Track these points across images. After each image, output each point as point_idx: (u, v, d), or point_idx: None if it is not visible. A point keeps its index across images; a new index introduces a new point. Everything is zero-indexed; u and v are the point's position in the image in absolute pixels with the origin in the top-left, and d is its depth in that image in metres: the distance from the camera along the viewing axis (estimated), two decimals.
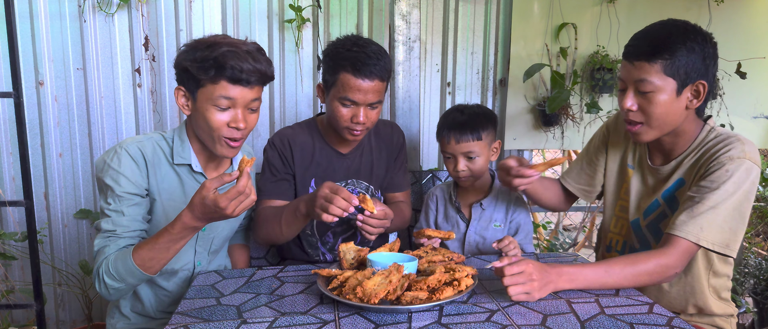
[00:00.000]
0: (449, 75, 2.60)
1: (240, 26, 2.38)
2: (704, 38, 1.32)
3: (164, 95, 2.37)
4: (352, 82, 1.57)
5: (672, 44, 1.29)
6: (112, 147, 1.42)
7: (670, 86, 1.31)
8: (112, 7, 2.26)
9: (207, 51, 1.31)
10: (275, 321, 1.14)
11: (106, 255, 1.32)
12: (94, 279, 1.35)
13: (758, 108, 2.68)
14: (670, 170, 1.46)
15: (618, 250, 1.62)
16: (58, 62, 2.27)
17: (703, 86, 1.32)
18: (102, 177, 1.38)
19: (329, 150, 1.79)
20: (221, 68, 1.31)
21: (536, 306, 1.20)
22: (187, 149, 1.47)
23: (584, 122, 2.63)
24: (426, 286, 1.19)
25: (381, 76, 1.59)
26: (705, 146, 1.39)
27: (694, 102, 1.35)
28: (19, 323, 2.41)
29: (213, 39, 1.35)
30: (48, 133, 2.31)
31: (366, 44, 1.60)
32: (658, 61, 1.30)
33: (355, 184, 1.83)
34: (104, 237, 1.35)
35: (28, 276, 2.26)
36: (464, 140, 1.65)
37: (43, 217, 2.37)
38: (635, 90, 1.36)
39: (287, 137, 1.77)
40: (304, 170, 1.77)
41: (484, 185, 1.79)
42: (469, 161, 1.68)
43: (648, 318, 1.14)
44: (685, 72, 1.30)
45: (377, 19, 2.47)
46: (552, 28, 2.54)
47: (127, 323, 1.55)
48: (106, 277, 1.30)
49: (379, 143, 1.89)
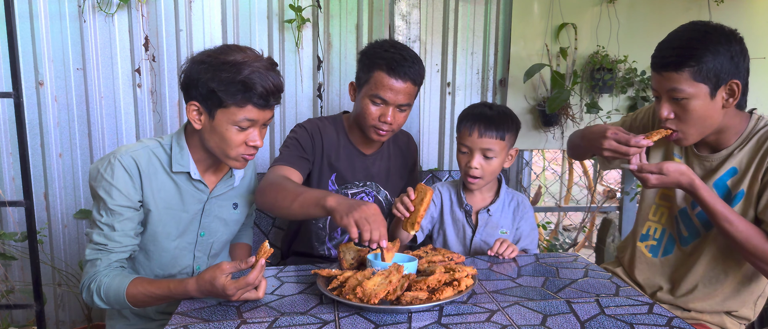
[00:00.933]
0: (449, 75, 2.60)
1: (240, 26, 2.38)
2: (728, 38, 1.31)
3: (164, 95, 2.37)
4: (386, 80, 1.62)
5: (696, 51, 1.29)
6: (105, 156, 1.39)
7: (702, 91, 1.32)
8: (112, 8, 2.26)
9: (232, 72, 1.28)
10: (275, 321, 1.14)
11: (97, 270, 1.35)
12: (82, 288, 1.37)
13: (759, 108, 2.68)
14: (721, 159, 1.46)
15: (656, 238, 1.62)
16: (58, 62, 2.27)
17: (736, 85, 1.33)
18: (95, 187, 1.37)
19: (352, 148, 1.82)
20: (249, 93, 1.30)
21: (536, 306, 1.20)
22: (186, 157, 1.44)
23: (584, 122, 2.62)
24: (426, 286, 1.19)
25: (414, 80, 1.64)
26: (756, 135, 1.41)
27: (730, 101, 1.35)
28: (19, 323, 2.41)
29: (232, 57, 1.31)
30: (48, 133, 2.31)
31: (403, 48, 1.67)
32: (686, 69, 1.30)
33: (372, 188, 1.84)
34: (95, 250, 1.36)
35: (28, 277, 2.26)
36: (488, 135, 1.59)
37: (43, 217, 2.37)
38: (669, 99, 1.37)
39: (318, 126, 1.79)
40: (327, 162, 1.79)
41: (491, 190, 1.74)
42: (484, 160, 1.62)
43: (648, 318, 1.14)
44: (715, 75, 1.30)
45: (377, 19, 2.47)
46: (552, 29, 2.54)
47: (126, 324, 1.55)
48: (95, 297, 1.34)
49: (397, 150, 1.92)
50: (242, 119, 1.33)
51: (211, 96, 1.31)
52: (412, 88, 1.66)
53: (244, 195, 1.62)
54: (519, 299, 1.25)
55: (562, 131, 2.63)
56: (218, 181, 1.53)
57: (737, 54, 1.31)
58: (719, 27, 1.33)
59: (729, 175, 1.44)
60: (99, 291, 1.33)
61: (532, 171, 2.84)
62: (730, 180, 1.44)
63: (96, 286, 1.33)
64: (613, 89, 2.54)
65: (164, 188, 1.44)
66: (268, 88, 1.31)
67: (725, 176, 1.45)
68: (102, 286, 1.32)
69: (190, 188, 1.47)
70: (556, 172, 3.82)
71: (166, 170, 1.44)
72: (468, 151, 1.63)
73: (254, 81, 1.29)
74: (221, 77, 1.29)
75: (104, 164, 1.37)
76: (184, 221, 1.48)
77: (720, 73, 1.30)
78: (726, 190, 1.45)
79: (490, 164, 1.62)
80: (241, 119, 1.33)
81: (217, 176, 1.53)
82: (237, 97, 1.30)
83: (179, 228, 1.48)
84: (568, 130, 2.63)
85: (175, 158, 1.43)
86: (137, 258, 1.50)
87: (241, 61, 1.30)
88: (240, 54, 1.32)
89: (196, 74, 1.32)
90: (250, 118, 1.34)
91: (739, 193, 1.42)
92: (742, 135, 1.43)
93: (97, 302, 1.34)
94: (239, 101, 1.31)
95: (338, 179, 1.81)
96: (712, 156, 1.47)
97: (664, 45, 1.37)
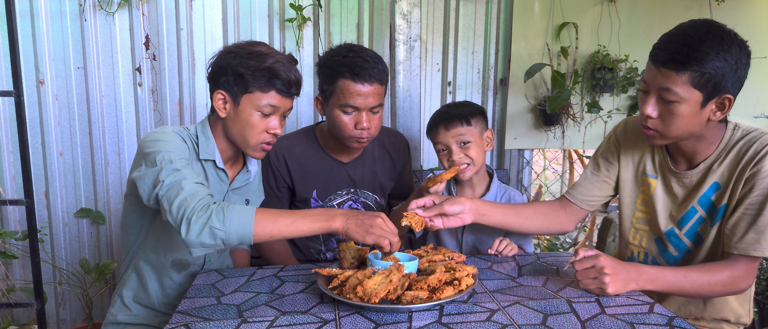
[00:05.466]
0: (450, 74, 2.60)
1: (240, 25, 2.38)
2: (739, 47, 1.20)
3: (165, 94, 2.37)
4: (352, 87, 1.56)
5: (705, 54, 1.18)
6: (157, 128, 1.42)
7: (694, 98, 1.22)
8: (113, 6, 2.26)
9: (258, 60, 1.39)
10: (275, 320, 1.14)
11: (196, 191, 1.21)
12: (183, 218, 1.17)
13: (759, 108, 2.68)
14: (701, 175, 1.39)
15: (640, 261, 1.56)
16: (59, 61, 2.27)
17: (728, 100, 1.24)
18: (147, 147, 1.33)
19: (329, 159, 1.77)
20: (274, 78, 1.40)
21: (537, 305, 1.20)
22: (211, 146, 1.49)
23: (585, 121, 2.63)
24: (426, 285, 1.19)
25: (380, 80, 1.59)
26: (735, 147, 1.33)
27: (717, 114, 1.27)
28: (20, 322, 2.41)
29: (258, 48, 1.42)
30: (48, 132, 2.31)
31: (361, 50, 1.60)
32: (687, 72, 1.20)
33: (359, 195, 1.82)
34: (173, 173, 1.25)
35: (29, 275, 2.26)
36: (453, 126, 1.64)
37: (44, 216, 2.37)
38: (658, 97, 1.27)
39: (282, 152, 1.74)
40: (304, 181, 1.76)
41: (482, 183, 1.77)
42: (463, 148, 1.65)
43: (648, 318, 1.14)
44: (714, 85, 1.20)
45: (378, 18, 2.47)
46: (553, 28, 2.54)
47: (127, 314, 1.54)
48: (214, 218, 1.17)
49: (383, 151, 1.86)
50: (266, 103, 1.41)
51: (238, 81, 1.40)
52: (380, 88, 1.60)
53: (255, 193, 1.68)
54: (519, 298, 1.25)
55: (563, 130, 2.63)
56: (236, 174, 1.58)
57: (742, 68, 1.22)
58: (733, 34, 1.21)
59: (712, 190, 1.38)
60: (221, 211, 1.18)
61: (532, 171, 2.84)
62: (714, 196, 1.38)
63: (212, 210, 1.18)
64: (614, 88, 2.54)
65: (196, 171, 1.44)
66: (290, 77, 1.42)
67: (709, 192, 1.38)
68: (224, 211, 1.18)
69: (214, 177, 1.51)
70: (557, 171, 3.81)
71: (196, 155, 1.48)
72: (445, 148, 1.68)
73: (278, 69, 1.40)
74: (248, 64, 1.39)
75: (157, 132, 1.40)
76: None
77: (718, 85, 1.20)
78: (711, 206, 1.39)
79: (470, 149, 1.65)
80: (264, 103, 1.41)
81: (234, 170, 1.58)
82: (262, 82, 1.40)
83: None
84: (568, 129, 2.63)
85: (202, 147, 1.48)
86: (148, 246, 1.50)
87: (266, 52, 1.42)
88: (265, 47, 1.44)
89: (224, 62, 1.41)
90: (273, 104, 1.42)
91: (721, 207, 1.36)
92: (719, 146, 1.35)
93: (217, 225, 1.16)
94: (264, 85, 1.40)
95: (320, 193, 1.77)
96: (691, 173, 1.40)
97: (671, 39, 1.23)
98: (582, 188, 1.61)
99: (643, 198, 1.53)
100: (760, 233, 1.28)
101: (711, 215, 1.39)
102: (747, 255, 1.30)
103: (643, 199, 1.52)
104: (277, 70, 1.39)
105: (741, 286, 1.33)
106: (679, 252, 1.48)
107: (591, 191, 1.60)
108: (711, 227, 1.40)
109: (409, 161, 1.95)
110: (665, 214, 1.47)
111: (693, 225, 1.43)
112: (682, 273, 1.30)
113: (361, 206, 1.84)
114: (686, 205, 1.43)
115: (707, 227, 1.40)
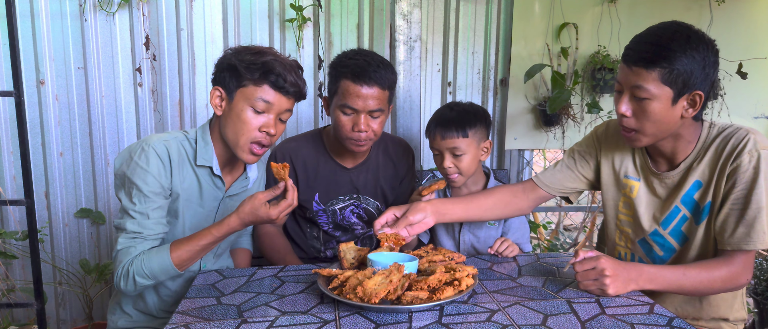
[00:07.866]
0: (450, 75, 2.60)
1: (241, 25, 2.38)
2: (707, 46, 1.26)
3: (165, 94, 2.37)
4: (352, 88, 1.58)
5: (672, 52, 1.24)
6: (136, 143, 1.42)
7: (665, 95, 1.27)
8: (113, 7, 2.26)
9: (255, 56, 1.39)
10: (275, 320, 1.14)
11: (132, 256, 1.34)
12: (120, 278, 1.35)
13: (759, 108, 2.68)
14: (681, 174, 1.41)
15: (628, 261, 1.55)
16: (59, 61, 2.28)
17: (699, 96, 1.28)
18: (128, 174, 1.37)
19: (333, 164, 1.78)
20: (267, 72, 1.38)
21: (537, 306, 1.20)
22: (210, 152, 1.47)
23: (585, 121, 2.63)
24: (426, 286, 1.19)
25: (381, 84, 1.59)
26: (713, 144, 1.36)
27: (689, 111, 1.31)
28: (20, 322, 2.41)
29: (260, 48, 1.43)
30: (49, 132, 2.31)
31: (369, 54, 1.62)
32: (656, 69, 1.25)
33: (361, 201, 1.82)
34: (129, 238, 1.36)
35: (29, 275, 2.26)
36: (449, 136, 1.61)
37: (44, 216, 2.37)
38: (631, 95, 1.32)
39: (289, 152, 1.76)
40: (308, 184, 1.76)
41: (478, 184, 1.76)
42: (455, 158, 1.64)
43: (648, 319, 1.14)
44: (683, 81, 1.25)
45: (378, 18, 2.47)
46: (553, 28, 2.54)
47: (128, 320, 1.55)
48: (137, 276, 1.34)
49: (387, 160, 1.86)
50: (258, 97, 1.38)
51: (233, 75, 1.39)
52: (381, 92, 1.60)
53: None
54: (520, 299, 1.25)
55: (563, 131, 2.63)
56: (234, 181, 1.56)
57: (710, 65, 1.27)
58: (700, 33, 1.27)
59: (695, 189, 1.40)
60: (142, 267, 1.33)
61: (533, 171, 2.84)
62: (697, 194, 1.40)
63: (136, 266, 1.33)
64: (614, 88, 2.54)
65: (188, 180, 1.46)
66: (286, 75, 1.39)
67: (691, 190, 1.40)
68: (143, 263, 1.33)
69: (210, 185, 1.50)
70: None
71: (191, 163, 1.47)
72: (439, 153, 1.67)
73: (274, 64, 1.38)
74: (244, 58, 1.39)
75: (137, 151, 1.39)
76: (199, 217, 1.50)
77: (688, 81, 1.25)
78: (694, 205, 1.41)
79: (461, 161, 1.64)
80: (257, 97, 1.38)
81: (232, 176, 1.56)
82: (255, 75, 1.38)
83: (194, 223, 1.49)
84: (569, 130, 2.63)
85: (199, 152, 1.47)
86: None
87: (266, 51, 1.42)
88: (269, 50, 1.44)
89: (224, 59, 1.42)
90: (266, 98, 1.39)
91: (706, 205, 1.38)
92: (697, 145, 1.38)
93: (141, 280, 1.34)
94: (257, 79, 1.38)
95: (322, 197, 1.78)
96: (672, 173, 1.42)
97: (641, 39, 1.30)
98: (553, 176, 1.62)
99: (624, 201, 1.54)
100: (750, 226, 1.30)
101: (695, 214, 1.41)
102: (740, 249, 1.32)
103: (625, 202, 1.54)
104: (272, 65, 1.37)
105: (740, 281, 1.33)
106: (665, 252, 1.49)
107: (562, 182, 1.62)
108: (696, 226, 1.41)
109: (412, 170, 1.94)
110: (648, 215, 1.49)
111: (677, 225, 1.45)
112: (681, 271, 1.31)
113: (363, 212, 1.84)
114: (669, 205, 1.44)
115: (692, 226, 1.41)
